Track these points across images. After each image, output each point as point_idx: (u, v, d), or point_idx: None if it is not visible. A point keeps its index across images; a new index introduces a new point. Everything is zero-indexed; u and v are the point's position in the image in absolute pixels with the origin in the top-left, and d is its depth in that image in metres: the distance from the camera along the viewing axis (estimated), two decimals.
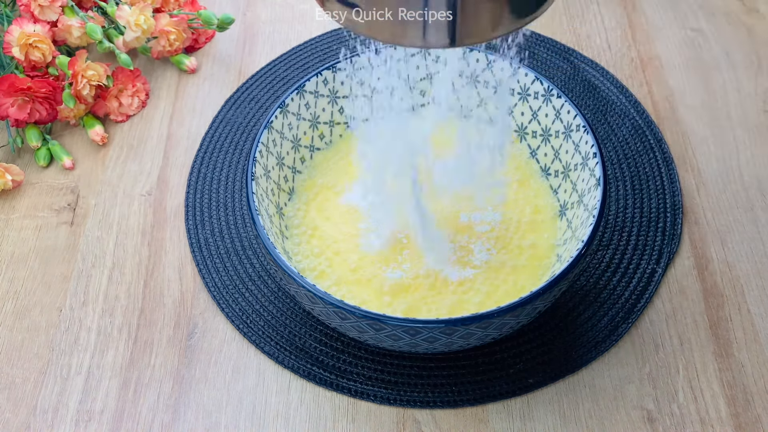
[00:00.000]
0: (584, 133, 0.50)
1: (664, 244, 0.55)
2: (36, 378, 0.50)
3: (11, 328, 0.52)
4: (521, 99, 0.54)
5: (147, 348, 0.51)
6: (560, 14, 0.71)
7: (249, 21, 0.72)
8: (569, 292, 0.53)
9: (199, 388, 0.49)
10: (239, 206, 0.58)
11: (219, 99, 0.65)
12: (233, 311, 0.52)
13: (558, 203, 0.53)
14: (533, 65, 0.66)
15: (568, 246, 0.48)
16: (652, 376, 0.49)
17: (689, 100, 0.64)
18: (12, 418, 0.48)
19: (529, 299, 0.42)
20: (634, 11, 0.71)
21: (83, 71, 0.60)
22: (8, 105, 0.60)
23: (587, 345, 0.50)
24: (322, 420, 0.48)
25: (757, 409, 0.48)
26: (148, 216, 0.58)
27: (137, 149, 0.62)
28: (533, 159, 0.55)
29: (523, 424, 0.47)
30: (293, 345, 0.51)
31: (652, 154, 0.60)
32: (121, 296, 0.54)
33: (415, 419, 0.48)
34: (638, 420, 0.47)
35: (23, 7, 0.62)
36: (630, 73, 0.66)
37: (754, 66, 0.66)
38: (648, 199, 0.57)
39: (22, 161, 0.62)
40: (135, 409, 0.49)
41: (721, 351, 0.50)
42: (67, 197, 0.59)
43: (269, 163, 0.51)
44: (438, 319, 0.42)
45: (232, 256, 0.55)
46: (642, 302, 0.52)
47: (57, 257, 0.56)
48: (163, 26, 0.65)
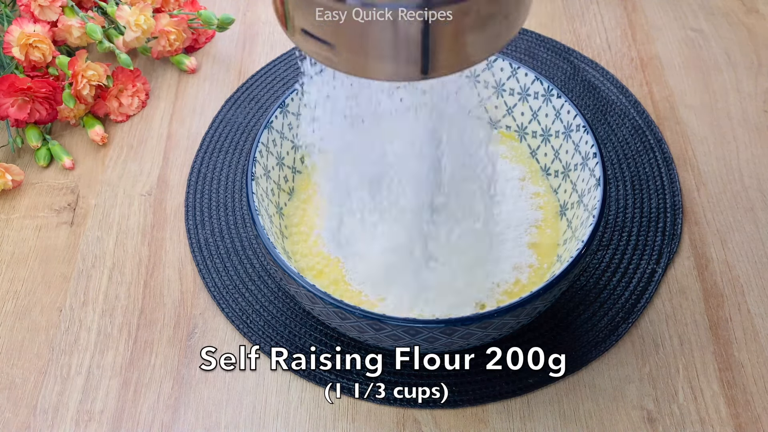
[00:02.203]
0: (584, 133, 0.50)
1: (664, 244, 0.55)
2: (36, 378, 0.50)
3: (11, 328, 0.52)
4: (521, 99, 0.54)
5: (147, 348, 0.51)
6: (560, 14, 0.71)
7: (249, 21, 0.72)
8: (569, 292, 0.53)
9: (199, 388, 0.49)
10: (239, 206, 0.58)
11: (219, 99, 0.65)
12: (233, 311, 0.52)
13: (558, 203, 0.53)
14: (533, 65, 0.66)
15: (568, 246, 0.48)
16: (652, 376, 0.49)
17: (689, 100, 0.64)
18: (12, 418, 0.48)
19: (529, 299, 0.42)
20: (634, 11, 0.71)
21: (83, 71, 0.60)
22: (8, 105, 0.60)
23: (587, 345, 0.50)
24: (322, 420, 0.48)
25: (757, 409, 0.48)
26: (148, 216, 0.58)
27: (137, 149, 0.62)
28: (533, 159, 0.55)
29: (523, 424, 0.47)
30: (293, 345, 0.51)
31: (652, 154, 0.60)
32: (121, 296, 0.54)
33: (415, 419, 0.48)
34: (638, 420, 0.47)
35: (23, 7, 0.62)
36: (630, 73, 0.66)
37: (754, 66, 0.66)
38: (648, 199, 0.57)
39: (22, 161, 0.62)
40: (135, 409, 0.49)
41: (721, 351, 0.50)
42: (67, 197, 0.59)
43: (269, 163, 0.51)
44: (438, 319, 0.42)
45: (232, 256, 0.55)
46: (642, 302, 0.52)
47: (57, 257, 0.56)
48: (163, 26, 0.65)
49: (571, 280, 0.45)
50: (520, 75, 0.54)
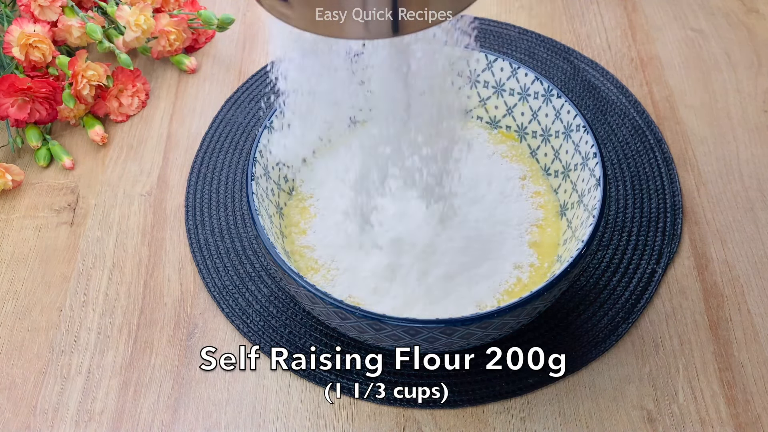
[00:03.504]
0: (584, 133, 0.50)
1: (664, 244, 0.55)
2: (36, 378, 0.50)
3: (11, 328, 0.52)
4: (521, 99, 0.54)
5: (147, 348, 0.51)
6: (560, 14, 0.71)
7: (249, 21, 0.72)
8: (569, 292, 0.53)
9: (199, 388, 0.49)
10: (239, 206, 0.58)
11: (219, 99, 0.65)
12: (233, 311, 0.52)
13: (558, 203, 0.53)
14: (533, 65, 0.66)
15: (568, 246, 0.48)
16: (652, 376, 0.49)
17: (689, 100, 0.64)
18: (12, 418, 0.48)
19: (529, 299, 0.42)
20: (634, 11, 0.71)
21: (83, 71, 0.60)
22: (8, 105, 0.60)
23: (587, 345, 0.50)
24: (322, 420, 0.48)
25: (757, 409, 0.48)
26: (148, 216, 0.58)
27: (137, 149, 0.62)
28: (533, 159, 0.55)
29: (523, 424, 0.47)
30: (293, 345, 0.51)
31: (652, 154, 0.60)
32: (121, 296, 0.54)
33: (415, 419, 0.48)
34: (638, 420, 0.47)
35: (23, 7, 0.62)
36: (630, 73, 0.66)
37: (754, 66, 0.66)
38: (648, 199, 0.57)
39: (22, 161, 0.62)
40: (135, 409, 0.49)
41: (721, 351, 0.50)
42: (67, 197, 0.59)
43: (269, 163, 0.51)
44: (438, 319, 0.42)
45: (232, 256, 0.55)
46: (642, 302, 0.52)
47: (57, 257, 0.56)
48: (163, 26, 0.65)
49: (571, 280, 0.45)
50: (520, 75, 0.54)
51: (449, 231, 0.50)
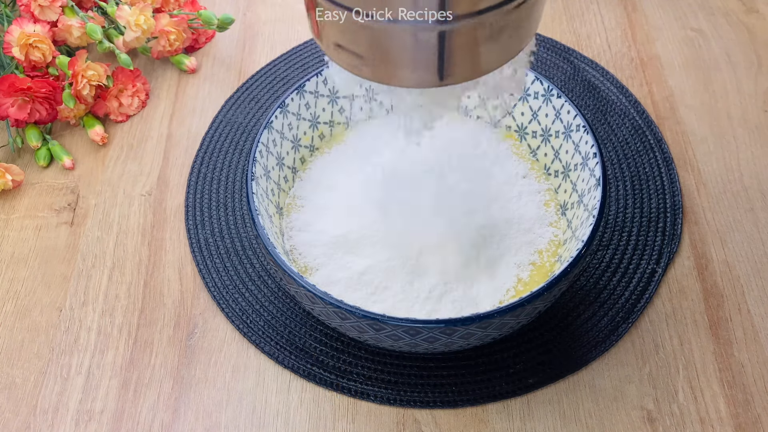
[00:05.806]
0: (584, 133, 0.50)
1: (664, 244, 0.55)
2: (36, 378, 0.50)
3: (11, 328, 0.52)
4: (521, 99, 0.54)
5: (147, 348, 0.51)
6: (560, 14, 0.71)
7: (249, 21, 0.72)
8: (569, 292, 0.53)
9: (199, 388, 0.49)
10: (239, 206, 0.58)
11: (219, 99, 0.65)
12: (233, 311, 0.52)
13: (558, 203, 0.53)
14: (533, 65, 0.66)
15: (568, 246, 0.48)
16: (652, 376, 0.49)
17: (689, 100, 0.64)
18: (12, 418, 0.48)
19: (529, 299, 0.42)
20: (634, 11, 0.71)
21: (83, 71, 0.60)
22: (8, 105, 0.60)
23: (587, 345, 0.50)
24: (322, 420, 0.48)
25: (757, 409, 0.48)
26: (148, 216, 0.58)
27: (137, 149, 0.62)
28: (533, 159, 0.55)
29: (523, 424, 0.47)
30: (293, 345, 0.51)
31: (652, 154, 0.60)
32: (121, 296, 0.54)
33: (415, 419, 0.48)
34: (638, 420, 0.47)
35: (23, 7, 0.62)
36: (630, 73, 0.66)
37: (754, 66, 0.66)
38: (648, 199, 0.57)
39: (22, 161, 0.62)
40: (135, 409, 0.49)
41: (721, 351, 0.50)
42: (67, 197, 0.59)
43: (269, 163, 0.51)
44: (438, 319, 0.42)
45: (232, 256, 0.55)
46: (642, 302, 0.52)
47: (57, 257, 0.56)
48: (163, 26, 0.65)
49: (571, 280, 0.45)
50: None
51: (449, 231, 0.50)
